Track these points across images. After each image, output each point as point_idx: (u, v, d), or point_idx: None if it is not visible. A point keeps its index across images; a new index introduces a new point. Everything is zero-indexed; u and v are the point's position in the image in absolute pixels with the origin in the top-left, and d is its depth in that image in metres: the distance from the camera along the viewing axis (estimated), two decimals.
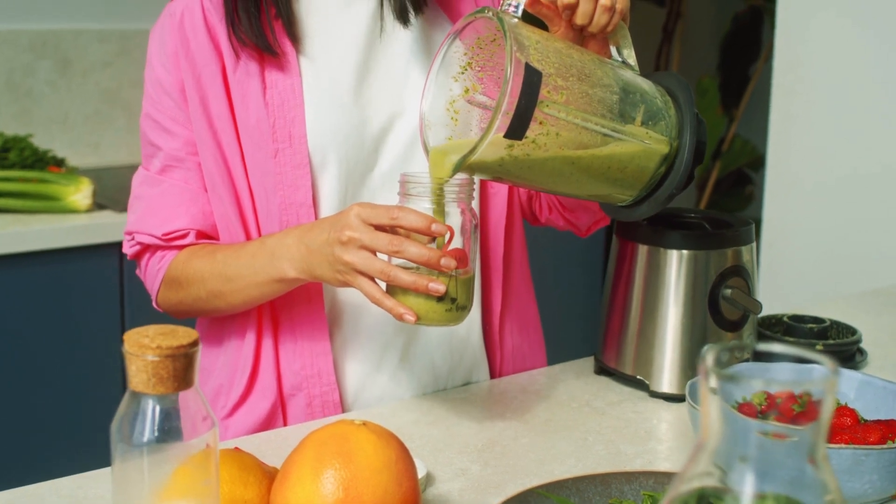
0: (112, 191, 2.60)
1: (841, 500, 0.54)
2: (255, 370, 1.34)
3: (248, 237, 1.31)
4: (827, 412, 0.54)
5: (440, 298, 1.12)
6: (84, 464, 1.24)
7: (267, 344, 1.33)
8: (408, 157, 1.33)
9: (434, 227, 1.10)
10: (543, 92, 1.07)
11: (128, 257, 1.39)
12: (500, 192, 1.40)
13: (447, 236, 1.12)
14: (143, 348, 0.77)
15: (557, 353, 1.59)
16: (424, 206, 1.13)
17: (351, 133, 1.30)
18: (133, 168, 2.96)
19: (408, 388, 1.37)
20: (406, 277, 1.10)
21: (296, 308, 1.32)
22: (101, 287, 2.37)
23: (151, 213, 1.34)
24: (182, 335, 0.79)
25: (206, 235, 1.34)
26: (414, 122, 1.32)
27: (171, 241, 1.33)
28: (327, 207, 1.30)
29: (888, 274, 2.30)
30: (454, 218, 1.14)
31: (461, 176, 1.14)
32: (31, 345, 2.30)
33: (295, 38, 1.30)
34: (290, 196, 1.28)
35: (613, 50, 1.22)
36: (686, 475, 0.57)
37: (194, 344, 0.79)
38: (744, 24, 4.01)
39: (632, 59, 1.22)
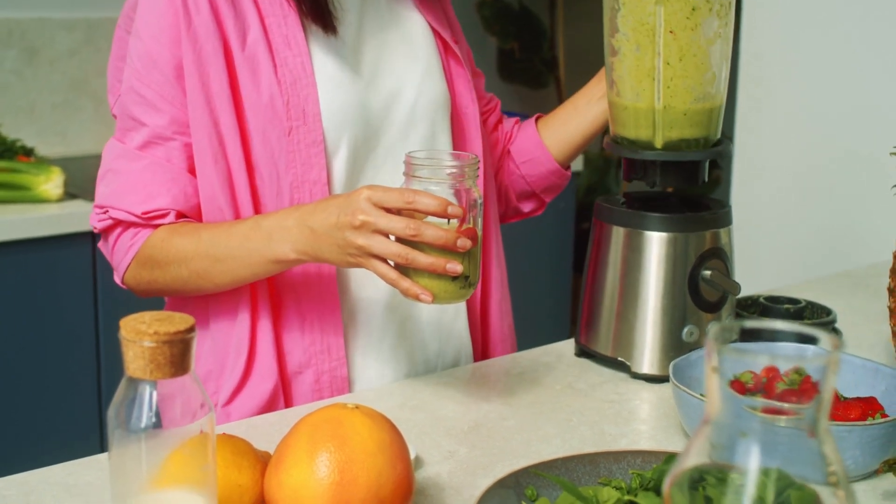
0: (82, 180, 2.57)
1: (843, 472, 0.55)
2: (251, 353, 1.31)
3: (238, 219, 1.29)
4: (829, 388, 0.55)
5: (454, 277, 1.14)
6: (60, 451, 1.23)
7: (264, 324, 1.31)
8: (406, 134, 1.37)
9: (450, 209, 1.11)
10: None
11: (95, 230, 1.34)
12: (487, 178, 1.43)
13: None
14: (140, 334, 0.77)
15: (528, 338, 1.60)
16: (432, 188, 1.15)
17: (358, 110, 1.31)
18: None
19: (403, 368, 1.38)
20: (424, 260, 1.12)
21: (302, 285, 1.31)
22: (75, 276, 2.36)
23: (131, 188, 1.29)
24: (178, 321, 0.79)
25: (186, 217, 1.31)
26: (412, 100, 1.36)
27: (149, 220, 1.29)
28: (338, 185, 1.31)
29: (855, 256, 2.33)
30: (463, 197, 1.16)
31: (469, 156, 1.18)
32: (5, 335, 2.28)
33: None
34: (304, 174, 1.28)
35: None
36: (690, 452, 0.58)
37: (191, 329, 0.79)
38: None
39: None
